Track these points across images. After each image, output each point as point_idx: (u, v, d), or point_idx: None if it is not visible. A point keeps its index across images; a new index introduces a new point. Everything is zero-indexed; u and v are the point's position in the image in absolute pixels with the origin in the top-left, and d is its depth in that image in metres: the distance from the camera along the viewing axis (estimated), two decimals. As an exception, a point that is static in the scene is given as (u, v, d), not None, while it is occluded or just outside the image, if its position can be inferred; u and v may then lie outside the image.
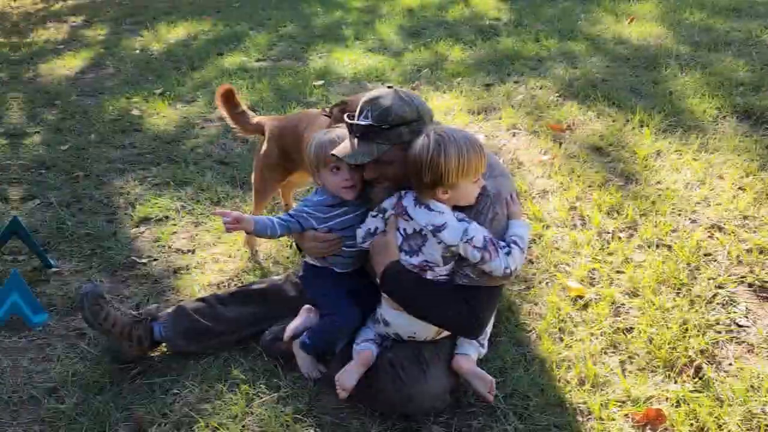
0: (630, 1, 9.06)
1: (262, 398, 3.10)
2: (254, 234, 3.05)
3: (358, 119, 2.73)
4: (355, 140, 2.76)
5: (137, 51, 8.94)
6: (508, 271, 2.65)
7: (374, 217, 2.92)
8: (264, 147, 4.05)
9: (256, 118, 4.21)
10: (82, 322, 3.38)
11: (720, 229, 4.06)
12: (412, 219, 2.72)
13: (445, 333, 2.94)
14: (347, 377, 2.87)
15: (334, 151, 2.80)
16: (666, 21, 8.11)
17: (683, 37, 7.46)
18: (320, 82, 7.04)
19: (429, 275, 2.77)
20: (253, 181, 4.20)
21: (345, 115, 2.84)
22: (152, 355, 3.40)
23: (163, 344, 3.40)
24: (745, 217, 4.12)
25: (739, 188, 4.42)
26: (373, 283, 3.04)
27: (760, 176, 4.50)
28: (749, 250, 3.83)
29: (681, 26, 7.86)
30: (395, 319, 2.90)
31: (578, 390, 3.04)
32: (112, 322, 3.17)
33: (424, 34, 8.59)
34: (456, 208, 2.72)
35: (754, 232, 3.99)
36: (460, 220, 2.67)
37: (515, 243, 2.70)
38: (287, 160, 3.95)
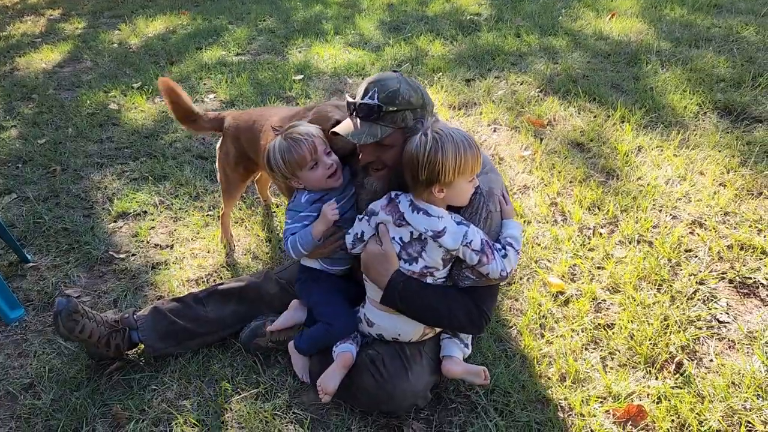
0: (610, -3, 9.10)
1: (241, 394, 3.08)
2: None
3: (363, 99, 2.66)
4: (357, 120, 2.69)
5: (115, 45, 8.86)
6: (504, 273, 2.64)
7: (361, 221, 2.87)
8: (223, 145, 3.90)
9: (212, 113, 3.96)
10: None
11: (701, 225, 4.07)
12: (409, 224, 2.68)
13: (430, 334, 2.92)
14: (329, 381, 2.83)
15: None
16: (647, 17, 8.14)
17: (664, 33, 7.48)
18: (300, 77, 7.00)
19: (429, 280, 2.74)
20: (219, 180, 4.08)
21: (347, 95, 2.77)
22: (129, 352, 3.36)
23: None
24: (726, 213, 4.14)
25: (720, 184, 4.44)
26: (359, 285, 3.00)
27: (740, 172, 4.52)
28: (730, 246, 3.84)
29: (662, 22, 7.89)
30: (380, 320, 2.87)
31: (559, 386, 3.04)
32: (88, 334, 3.10)
33: (404, 29, 8.58)
34: (449, 208, 2.70)
35: (735, 228, 4.01)
36: (458, 223, 2.64)
37: (510, 245, 2.69)
38: (246, 159, 3.81)
